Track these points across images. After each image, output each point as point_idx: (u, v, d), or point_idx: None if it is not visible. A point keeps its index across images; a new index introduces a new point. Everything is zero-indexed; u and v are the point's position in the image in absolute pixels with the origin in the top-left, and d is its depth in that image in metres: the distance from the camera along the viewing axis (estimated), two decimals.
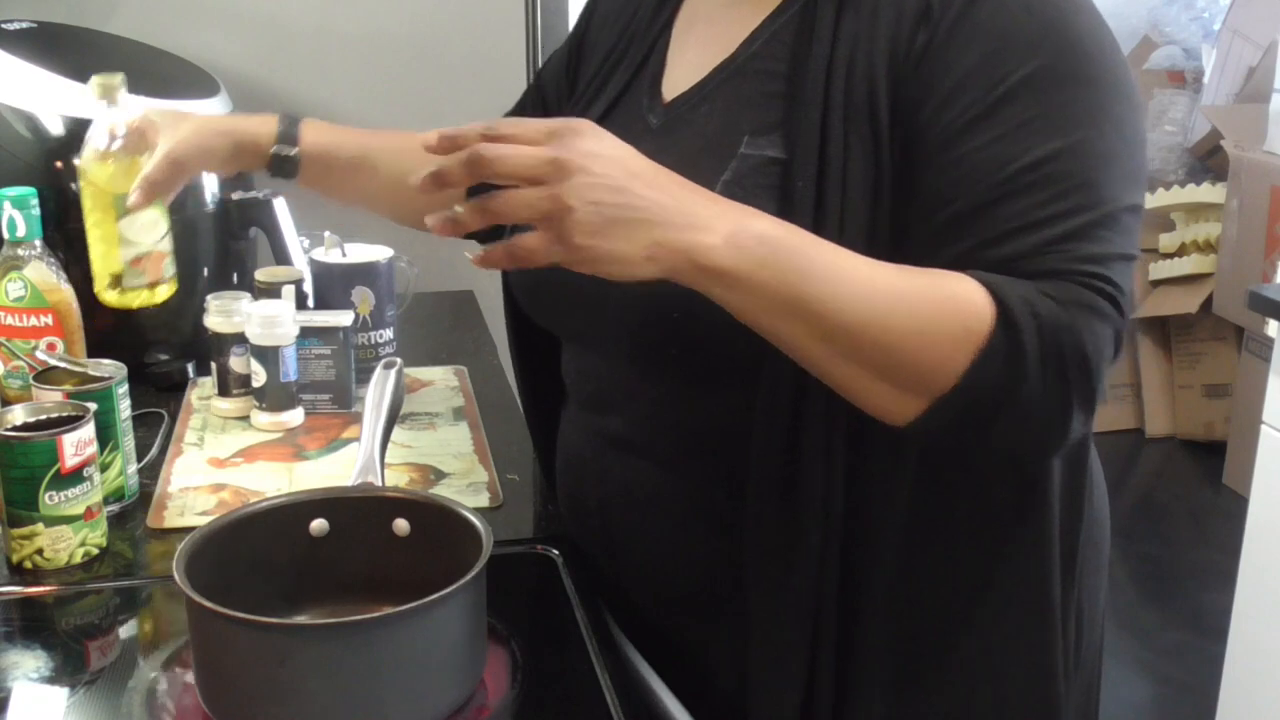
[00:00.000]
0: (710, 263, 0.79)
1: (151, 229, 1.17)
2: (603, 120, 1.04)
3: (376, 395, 1.09)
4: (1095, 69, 0.86)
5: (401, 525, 0.96)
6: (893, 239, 0.86)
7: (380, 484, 1.02)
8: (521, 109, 1.27)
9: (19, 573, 1.06)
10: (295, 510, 0.96)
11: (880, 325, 0.81)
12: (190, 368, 1.51)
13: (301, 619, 0.94)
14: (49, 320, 1.29)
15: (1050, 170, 0.83)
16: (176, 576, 0.83)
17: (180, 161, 1.15)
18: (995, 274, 0.82)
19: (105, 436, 1.12)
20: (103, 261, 1.18)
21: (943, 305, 0.81)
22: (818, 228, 0.85)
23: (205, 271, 1.55)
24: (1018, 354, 0.80)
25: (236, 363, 1.38)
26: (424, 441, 1.33)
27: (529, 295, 1.11)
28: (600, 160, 0.78)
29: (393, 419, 1.09)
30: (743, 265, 0.79)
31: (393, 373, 1.12)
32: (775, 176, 0.89)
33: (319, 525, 0.96)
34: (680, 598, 1.05)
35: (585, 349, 1.09)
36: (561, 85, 1.20)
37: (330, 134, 1.23)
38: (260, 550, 0.93)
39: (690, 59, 1.02)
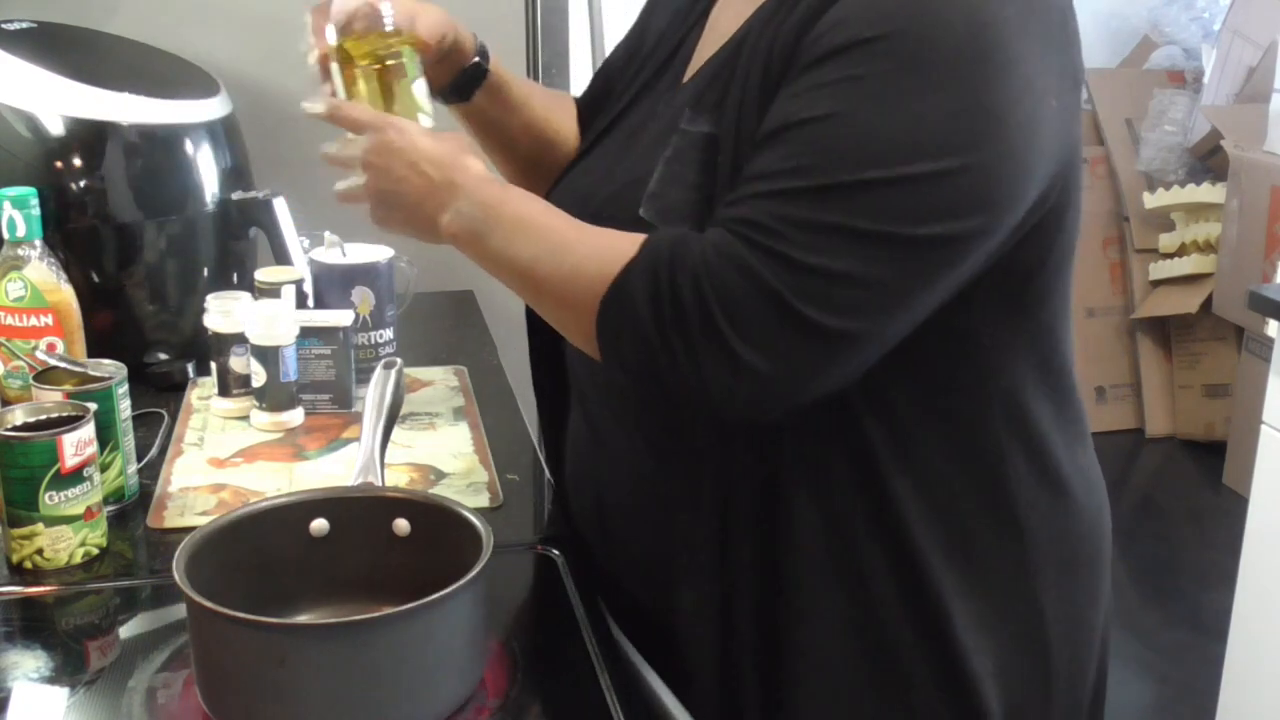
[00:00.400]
0: (448, 237, 0.96)
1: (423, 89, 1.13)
2: (632, 104, 1.09)
3: (376, 395, 1.09)
4: (935, 42, 0.82)
5: (402, 525, 0.96)
6: None
7: (380, 484, 1.02)
8: (590, 93, 1.28)
9: (19, 573, 1.06)
10: (295, 510, 0.96)
11: (528, 261, 0.93)
12: (190, 368, 1.51)
13: (301, 619, 0.94)
14: (49, 320, 1.29)
15: (801, 133, 0.84)
16: (176, 576, 0.83)
17: (438, 21, 1.14)
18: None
19: (105, 436, 1.12)
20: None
21: (591, 248, 0.91)
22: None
23: (205, 271, 1.55)
24: (627, 290, 0.87)
25: (236, 363, 1.38)
26: (424, 441, 1.33)
27: None
28: (385, 156, 0.98)
29: (393, 419, 1.09)
30: (459, 236, 0.96)
31: (393, 373, 1.12)
32: (705, 151, 0.92)
33: (319, 525, 0.96)
34: (667, 582, 1.04)
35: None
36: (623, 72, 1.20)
37: (505, 70, 1.23)
38: (260, 550, 0.94)
39: (706, 52, 1.03)
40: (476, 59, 1.19)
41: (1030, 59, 0.84)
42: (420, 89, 1.10)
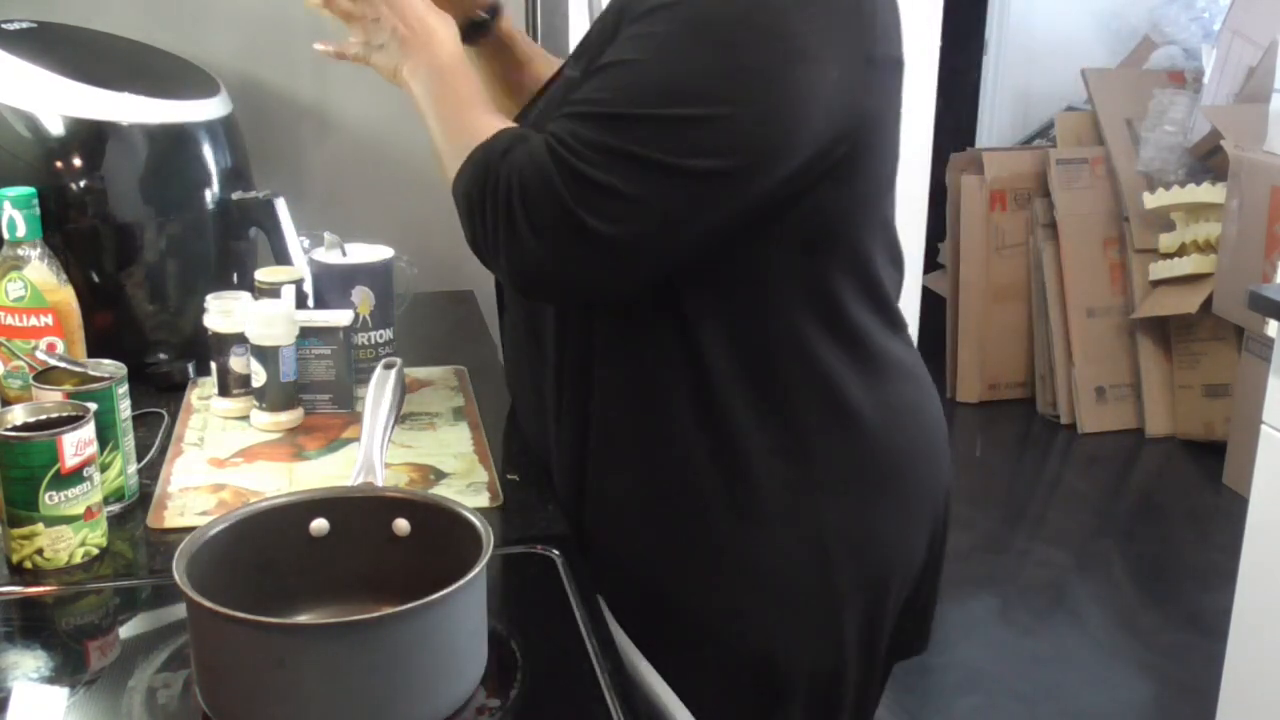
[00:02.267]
0: (400, 82, 1.18)
1: None
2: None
3: (376, 395, 1.09)
4: (709, 26, 1.00)
5: (402, 525, 0.96)
6: None
7: (380, 484, 1.02)
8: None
9: (19, 573, 1.06)
10: (295, 510, 0.96)
11: (433, 120, 1.15)
12: (190, 368, 1.51)
13: (301, 619, 0.94)
14: (49, 320, 1.29)
15: (611, 73, 1.02)
16: (176, 576, 0.83)
17: None
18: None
19: (105, 436, 1.12)
20: None
21: (465, 125, 1.12)
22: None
23: (205, 272, 1.55)
24: (472, 168, 1.08)
25: (236, 363, 1.38)
26: (424, 441, 1.33)
27: None
28: (392, 10, 1.17)
29: (393, 419, 1.09)
30: (411, 84, 1.17)
31: (393, 373, 1.12)
32: (570, 90, 1.08)
33: (319, 525, 0.96)
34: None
35: None
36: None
37: (513, 30, 1.41)
38: (260, 550, 0.93)
39: None
40: (485, 14, 1.36)
41: (807, 35, 1.00)
42: None
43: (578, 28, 2.07)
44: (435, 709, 0.86)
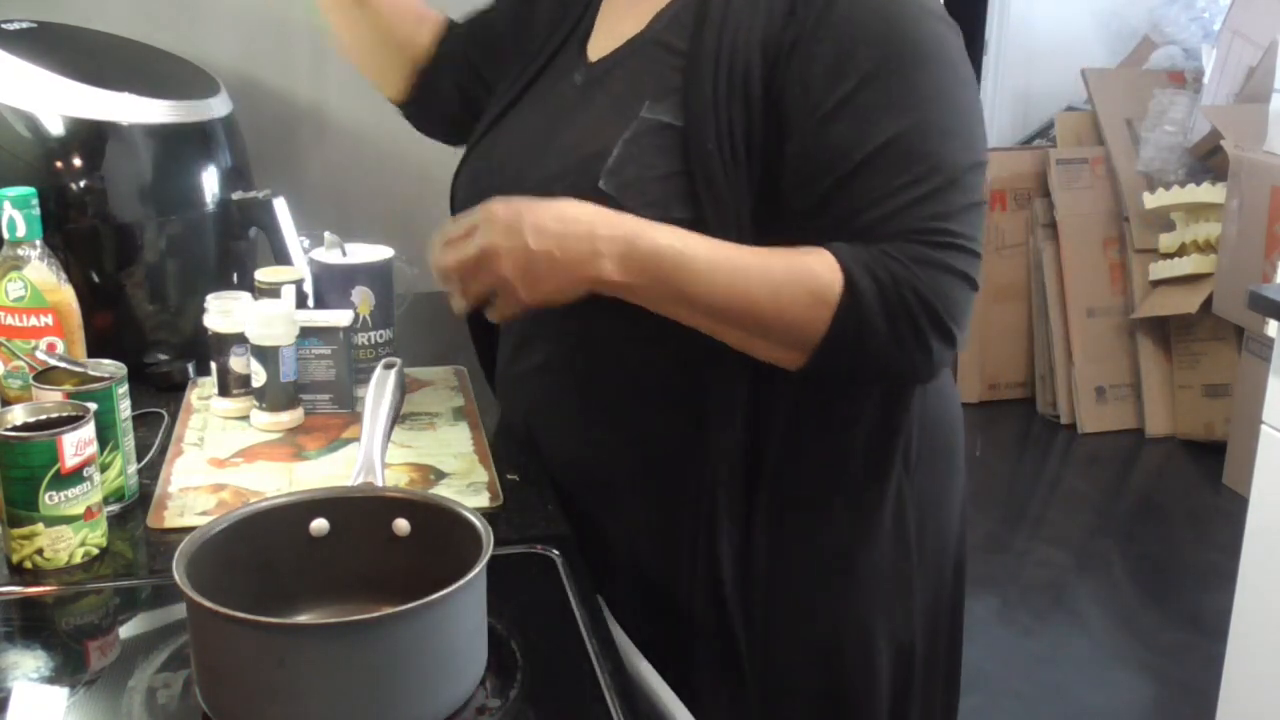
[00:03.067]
0: (610, 283, 1.04)
1: None
2: (540, 74, 1.24)
3: (377, 395, 1.09)
4: (931, 57, 1.04)
5: (402, 525, 0.96)
6: (770, 199, 1.05)
7: (380, 484, 1.02)
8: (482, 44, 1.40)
9: (19, 573, 1.06)
10: (295, 510, 0.96)
11: (744, 301, 1.03)
12: (190, 368, 1.51)
13: (301, 619, 0.94)
14: (49, 320, 1.29)
15: (897, 149, 1.01)
16: (176, 576, 0.83)
17: None
18: (851, 244, 1.02)
19: (105, 436, 1.12)
20: None
21: (795, 279, 1.02)
22: (711, 186, 1.04)
23: (205, 272, 1.55)
24: (862, 313, 1.01)
25: (236, 363, 1.38)
26: (424, 441, 1.33)
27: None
28: (511, 233, 1.03)
29: (393, 419, 1.09)
30: (634, 280, 1.03)
31: (393, 373, 1.12)
32: (670, 139, 1.07)
33: (319, 525, 0.96)
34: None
35: None
36: (492, 46, 1.37)
37: None
38: (261, 550, 0.93)
39: (613, 27, 1.19)
40: None
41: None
42: None
43: None
44: (435, 709, 0.86)
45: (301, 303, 1.44)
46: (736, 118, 1.05)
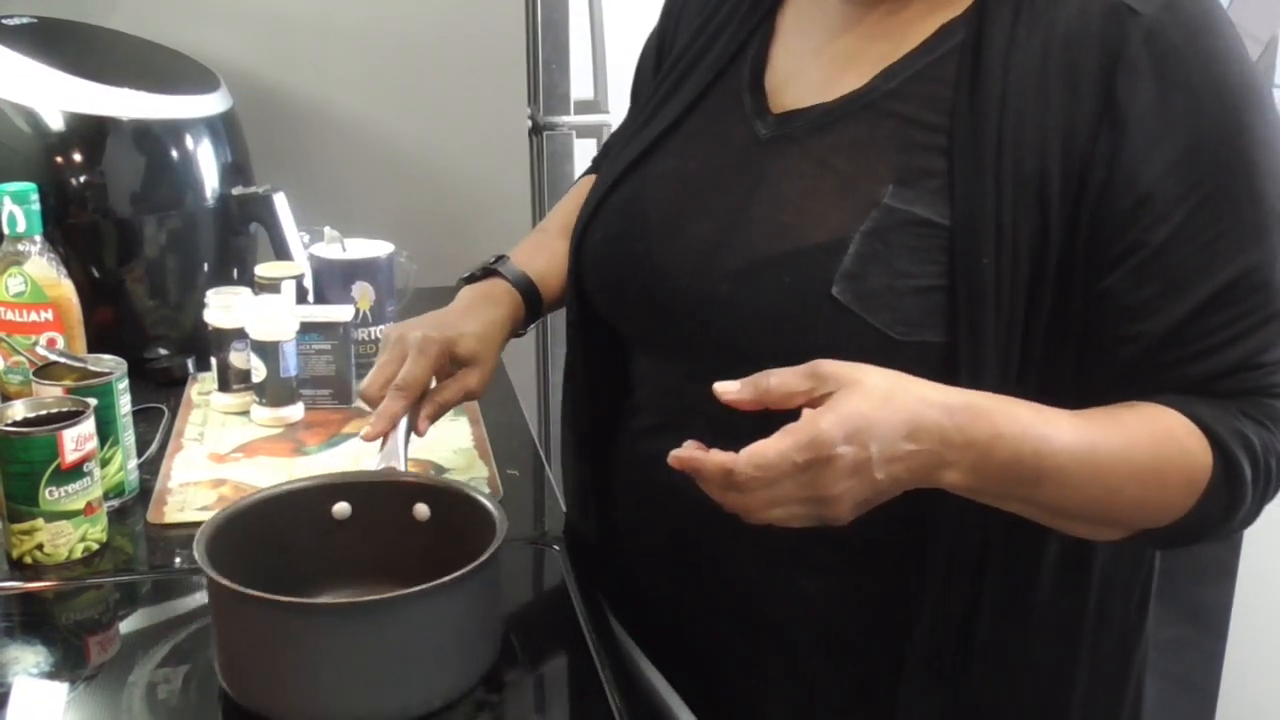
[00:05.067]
0: (953, 488, 0.81)
1: None
2: (689, 114, 1.01)
3: None
4: (1277, 158, 0.83)
5: (422, 510, 0.97)
6: (1056, 322, 0.84)
7: (403, 469, 1.02)
8: (629, 122, 1.16)
9: (19, 568, 1.06)
10: (319, 493, 0.97)
11: (1102, 504, 0.83)
12: (190, 363, 1.51)
13: (321, 599, 0.94)
14: (49, 315, 1.28)
15: (1247, 283, 0.82)
16: (197, 555, 0.85)
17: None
18: (1197, 402, 0.83)
19: (105, 432, 1.12)
20: None
21: (1167, 464, 0.82)
22: (978, 307, 0.83)
23: (205, 267, 1.55)
24: (1238, 493, 0.83)
25: (237, 358, 1.38)
26: (425, 437, 1.32)
27: (609, 294, 1.05)
28: (859, 471, 0.77)
29: (421, 409, 1.09)
30: (982, 487, 0.81)
31: None
32: (929, 241, 0.84)
33: (341, 508, 0.97)
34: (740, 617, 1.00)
35: (667, 360, 1.02)
36: (650, 84, 1.13)
37: (530, 257, 1.15)
38: (283, 533, 0.94)
39: (803, 68, 0.97)
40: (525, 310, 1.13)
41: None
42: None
43: (579, 23, 2.07)
44: (446, 688, 0.87)
45: (302, 298, 1.44)
46: (1023, 224, 0.82)
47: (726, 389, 0.80)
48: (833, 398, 0.77)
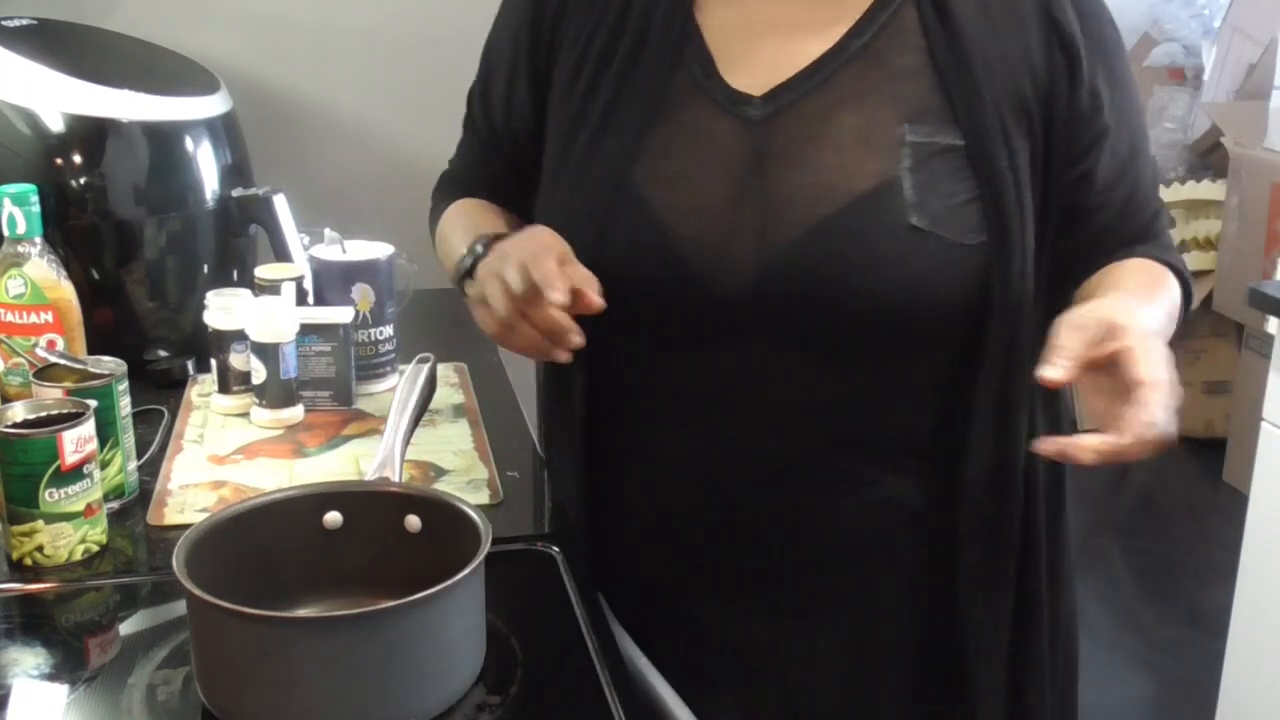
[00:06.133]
0: None
1: None
2: (653, 120, 1.02)
3: (406, 390, 1.10)
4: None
5: (414, 521, 0.96)
6: (1044, 206, 1.03)
7: (398, 479, 1.01)
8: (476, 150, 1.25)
9: (19, 570, 1.06)
10: (308, 503, 0.96)
11: (1171, 316, 1.04)
12: (190, 365, 1.51)
13: (301, 613, 0.94)
14: (49, 317, 1.28)
15: (1145, 147, 1.07)
16: (175, 567, 0.84)
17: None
18: (1151, 248, 1.07)
19: (105, 433, 1.12)
20: None
21: (1172, 289, 1.05)
22: (1002, 207, 0.99)
23: (205, 268, 1.55)
24: (1189, 293, 1.09)
25: (237, 360, 1.38)
26: (424, 438, 1.33)
27: (642, 302, 1.03)
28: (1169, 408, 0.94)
29: (419, 415, 1.09)
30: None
31: (425, 369, 1.12)
32: (956, 162, 0.99)
33: (333, 518, 0.96)
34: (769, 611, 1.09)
35: (717, 352, 1.04)
36: (525, 109, 1.16)
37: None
38: (269, 543, 0.94)
39: (758, 52, 1.02)
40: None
41: None
42: None
43: None
44: (429, 705, 0.86)
45: (302, 300, 1.44)
46: (1016, 132, 1.00)
47: (1053, 375, 0.88)
48: (1138, 349, 0.89)
